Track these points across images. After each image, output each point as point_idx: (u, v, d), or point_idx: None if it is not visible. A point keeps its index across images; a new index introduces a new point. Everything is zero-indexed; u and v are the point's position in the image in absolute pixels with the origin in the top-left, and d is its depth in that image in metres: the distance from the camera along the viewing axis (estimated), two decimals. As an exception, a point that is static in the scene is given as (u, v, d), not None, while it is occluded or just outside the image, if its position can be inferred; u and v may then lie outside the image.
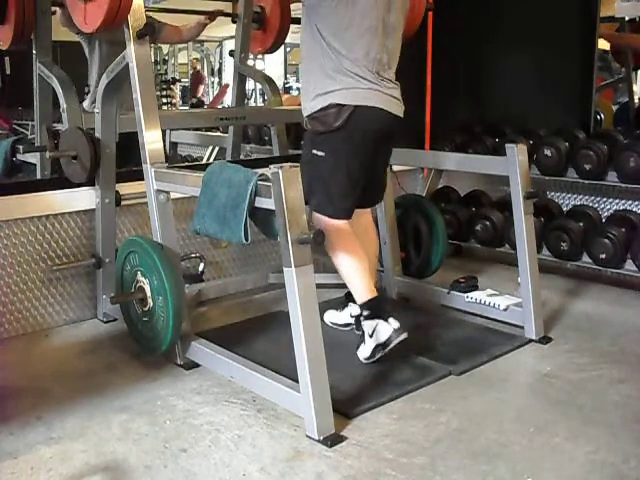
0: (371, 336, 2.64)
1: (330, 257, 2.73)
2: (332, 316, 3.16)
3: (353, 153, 2.71)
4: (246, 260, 3.85)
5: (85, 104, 3.98)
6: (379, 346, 2.64)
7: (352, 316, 3.03)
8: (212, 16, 4.29)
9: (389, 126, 2.80)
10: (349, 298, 3.00)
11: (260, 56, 7.63)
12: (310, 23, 2.70)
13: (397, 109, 2.85)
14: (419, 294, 3.51)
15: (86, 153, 2.95)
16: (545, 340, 3.01)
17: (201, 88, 9.89)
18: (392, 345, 2.62)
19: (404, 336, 2.63)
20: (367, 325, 2.65)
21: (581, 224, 3.81)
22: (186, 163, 5.24)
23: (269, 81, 4.27)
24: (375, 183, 2.96)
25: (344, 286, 2.99)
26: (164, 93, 8.24)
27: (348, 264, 2.69)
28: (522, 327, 3.05)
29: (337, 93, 2.67)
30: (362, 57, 2.67)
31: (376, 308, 2.67)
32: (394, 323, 2.63)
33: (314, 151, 2.73)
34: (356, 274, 2.70)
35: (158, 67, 8.57)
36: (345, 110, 2.65)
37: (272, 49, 4.41)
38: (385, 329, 2.63)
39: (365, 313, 2.67)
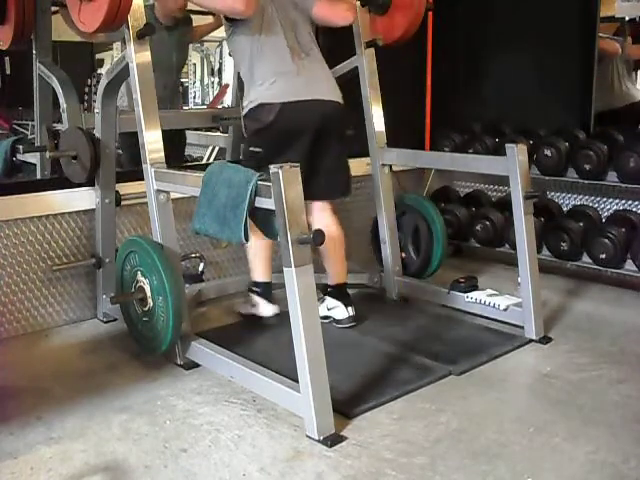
0: (253, 306, 3.18)
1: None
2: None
3: (287, 146, 2.81)
4: (246, 260, 3.83)
5: None
6: (254, 316, 3.17)
7: (328, 309, 3.16)
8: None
9: (321, 114, 2.94)
10: (325, 290, 3.19)
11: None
12: (236, 35, 2.94)
13: (328, 94, 2.98)
14: (419, 294, 3.51)
15: (86, 153, 2.95)
16: (545, 340, 3.01)
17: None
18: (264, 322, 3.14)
19: (274, 321, 3.12)
20: (253, 297, 3.17)
21: (581, 224, 3.81)
22: (186, 163, 5.24)
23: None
24: (322, 175, 2.99)
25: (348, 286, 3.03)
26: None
27: (254, 248, 3.08)
28: (522, 327, 3.05)
29: (265, 93, 2.89)
30: (281, 53, 2.90)
31: (265, 290, 3.14)
32: (275, 309, 3.13)
33: (251, 148, 2.93)
34: (257, 258, 3.13)
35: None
36: (274, 107, 2.86)
37: None
38: (266, 309, 3.14)
39: (255, 289, 3.17)
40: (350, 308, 3.14)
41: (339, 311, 3.13)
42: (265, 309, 3.15)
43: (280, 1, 3.00)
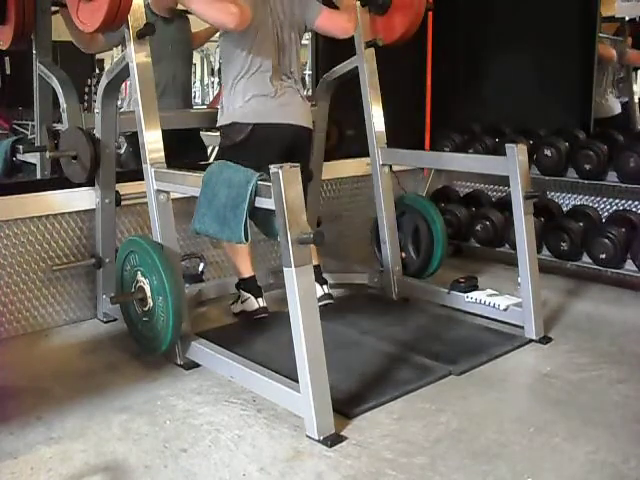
0: (243, 302, 3.22)
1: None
2: None
3: (256, 164, 2.71)
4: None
5: None
6: (244, 312, 3.22)
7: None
8: None
9: (291, 138, 3.04)
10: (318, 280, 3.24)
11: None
12: (227, 42, 3.00)
13: (301, 119, 3.07)
14: (419, 294, 3.51)
15: (86, 153, 2.95)
16: (545, 340, 3.01)
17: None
18: (255, 318, 3.17)
19: (263, 315, 3.18)
20: (242, 293, 3.23)
21: (581, 224, 3.81)
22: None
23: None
24: None
25: (344, 285, 3.02)
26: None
27: (230, 246, 3.14)
28: (522, 327, 3.05)
29: (239, 111, 2.98)
30: (263, 71, 2.97)
31: (250, 286, 3.19)
32: (262, 302, 3.19)
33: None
34: (237, 255, 3.19)
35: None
36: (245, 127, 2.97)
37: None
38: (254, 303, 3.18)
39: (242, 286, 3.22)
40: (325, 286, 3.30)
41: (252, 303, 3.23)
42: (253, 303, 3.19)
43: (280, 18, 3.03)
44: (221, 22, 2.84)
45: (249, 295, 3.19)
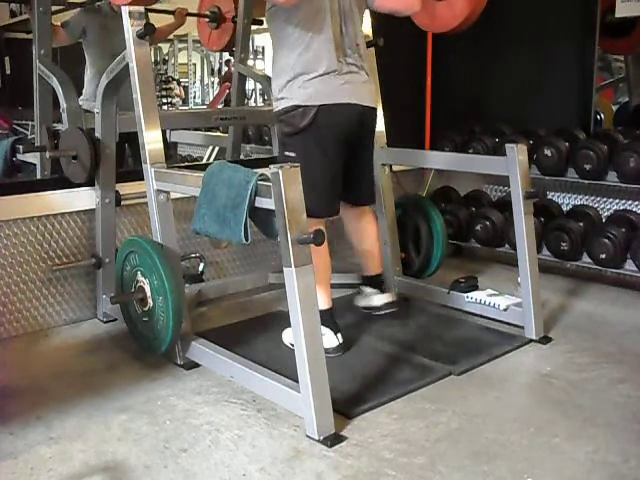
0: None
1: None
2: (359, 300, 3.33)
3: (323, 152, 2.71)
4: (246, 260, 3.85)
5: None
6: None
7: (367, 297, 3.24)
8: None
9: (359, 119, 2.80)
10: (362, 282, 3.29)
11: (260, 56, 7.63)
12: (276, 17, 2.71)
13: (367, 99, 2.83)
14: (419, 294, 3.51)
15: (86, 153, 2.95)
16: (545, 340, 3.01)
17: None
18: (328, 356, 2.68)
19: (339, 354, 2.79)
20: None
21: (581, 224, 3.81)
22: (186, 163, 5.24)
23: (269, 81, 4.26)
24: (363, 180, 3.00)
25: (347, 286, 3.01)
26: (164, 93, 8.24)
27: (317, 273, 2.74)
28: (522, 327, 3.05)
29: (301, 93, 2.68)
30: (322, 45, 2.67)
31: (328, 319, 2.76)
32: (340, 339, 2.81)
33: (285, 152, 2.77)
34: (317, 281, 2.66)
35: (158, 67, 8.57)
36: (309, 110, 2.67)
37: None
38: (331, 340, 2.77)
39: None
40: (388, 294, 3.23)
41: (377, 298, 3.21)
42: (332, 340, 2.79)
43: None
44: None
45: (327, 330, 2.75)
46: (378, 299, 3.22)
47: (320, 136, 2.71)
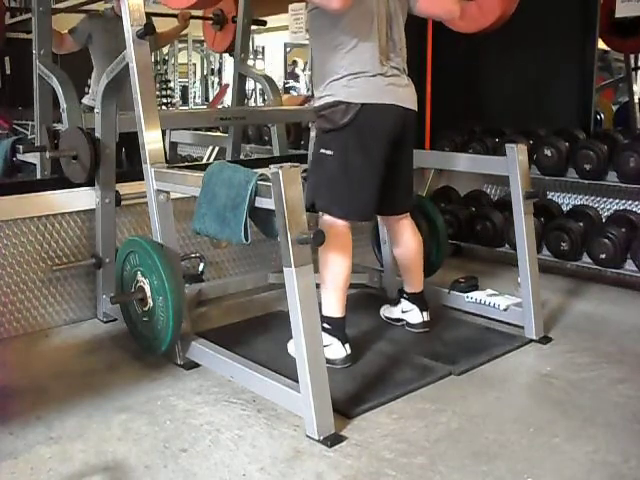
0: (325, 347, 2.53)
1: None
2: (386, 310, 3.22)
3: (362, 152, 2.64)
4: (246, 260, 3.85)
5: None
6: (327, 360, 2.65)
7: (403, 312, 3.10)
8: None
9: (401, 122, 2.73)
10: (401, 294, 3.12)
11: (260, 56, 7.63)
12: (320, 18, 2.64)
13: (409, 102, 2.76)
14: (419, 294, 3.51)
15: (86, 153, 2.95)
16: (545, 340, 3.01)
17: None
18: (334, 367, 2.62)
19: (347, 365, 2.69)
20: (324, 337, 2.49)
21: (581, 224, 3.81)
22: (186, 163, 5.25)
23: (269, 81, 4.27)
24: (402, 187, 2.89)
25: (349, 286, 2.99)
26: (164, 93, 8.25)
27: (332, 274, 2.67)
28: (522, 327, 3.05)
29: (344, 90, 2.62)
30: (368, 47, 2.62)
31: (338, 328, 2.69)
32: (348, 350, 2.70)
33: (322, 150, 2.70)
34: (333, 287, 2.68)
35: (158, 67, 8.58)
36: (352, 108, 2.60)
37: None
38: (338, 351, 2.68)
39: (326, 326, 2.62)
40: (425, 313, 3.06)
41: (414, 315, 3.06)
42: (340, 351, 2.69)
43: None
44: (326, 3, 2.46)
45: (335, 340, 2.68)
46: (416, 316, 3.06)
47: (361, 135, 2.63)
